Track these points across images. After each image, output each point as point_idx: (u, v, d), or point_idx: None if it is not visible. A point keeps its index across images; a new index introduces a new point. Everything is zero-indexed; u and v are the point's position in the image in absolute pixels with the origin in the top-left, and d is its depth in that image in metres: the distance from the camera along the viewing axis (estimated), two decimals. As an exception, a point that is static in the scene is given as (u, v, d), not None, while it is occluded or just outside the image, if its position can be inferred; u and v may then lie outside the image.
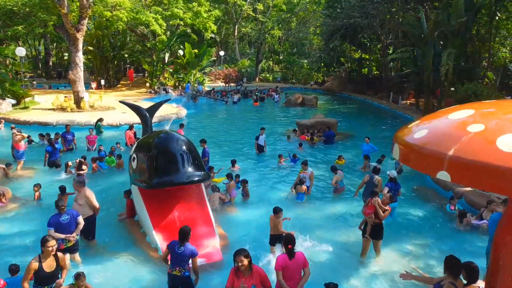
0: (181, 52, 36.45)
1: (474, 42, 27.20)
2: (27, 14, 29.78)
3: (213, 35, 45.37)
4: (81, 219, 6.80)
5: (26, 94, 23.89)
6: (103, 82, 34.36)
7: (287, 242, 5.37)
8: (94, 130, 16.03)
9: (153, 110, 11.48)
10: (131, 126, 15.65)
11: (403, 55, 28.06)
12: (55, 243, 5.47)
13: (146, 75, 39.37)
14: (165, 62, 37.23)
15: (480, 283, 4.88)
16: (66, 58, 44.70)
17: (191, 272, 6.04)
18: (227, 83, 41.01)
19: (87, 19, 22.40)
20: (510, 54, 29.84)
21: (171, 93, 33.77)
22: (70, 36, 21.72)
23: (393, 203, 9.01)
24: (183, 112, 23.77)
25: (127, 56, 39.32)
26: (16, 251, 7.42)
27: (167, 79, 37.25)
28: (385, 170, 11.22)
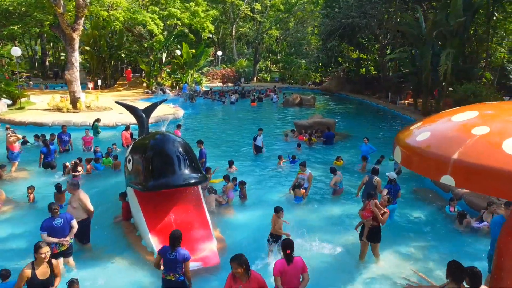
0: (178, 52, 36.29)
1: (472, 42, 27.19)
2: (23, 13, 29.59)
3: (210, 35, 45.18)
4: (74, 223, 6.66)
5: (21, 94, 23.70)
6: (99, 82, 34.16)
7: (286, 247, 5.24)
8: (90, 130, 15.87)
9: (149, 110, 11.31)
10: (128, 127, 15.51)
11: (401, 55, 27.99)
12: (48, 249, 5.31)
13: (143, 75, 39.17)
14: (163, 62, 37.06)
15: (483, 288, 4.78)
16: (62, 58, 44.42)
17: (185, 276, 5.90)
18: (225, 83, 40.87)
19: (83, 19, 22.21)
20: (507, 54, 29.84)
21: (168, 93, 33.58)
22: (66, 36, 21.53)
23: (393, 205, 8.92)
24: (180, 112, 23.63)
25: (124, 56, 39.14)
26: (7, 255, 7.27)
27: (164, 79, 37.06)
28: (384, 171, 11.11)
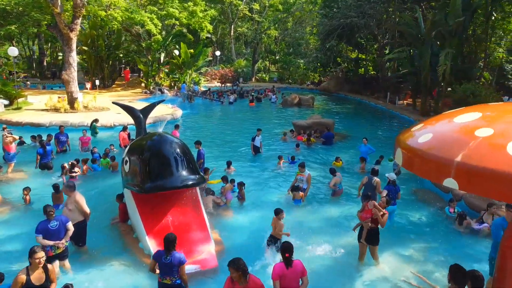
0: (176, 52, 36.18)
1: (470, 42, 27.16)
2: (20, 13, 29.40)
3: (209, 35, 45.13)
4: (70, 225, 6.56)
5: (19, 94, 23.56)
6: (97, 82, 34.04)
7: (285, 250, 5.15)
8: (87, 131, 15.76)
9: (147, 111, 11.24)
10: (125, 127, 15.40)
11: (400, 55, 27.94)
12: (43, 255, 5.19)
13: (141, 75, 39.04)
14: (161, 62, 36.94)
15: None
16: (60, 58, 44.26)
17: (181, 280, 5.81)
18: (223, 83, 40.77)
19: (80, 19, 22.09)
20: (506, 54, 29.81)
21: (167, 93, 33.46)
22: (63, 35, 21.41)
23: (392, 206, 8.85)
24: (179, 112, 23.52)
25: (122, 56, 38.98)
26: (2, 258, 7.16)
27: (162, 79, 36.96)
28: (383, 171, 11.04)
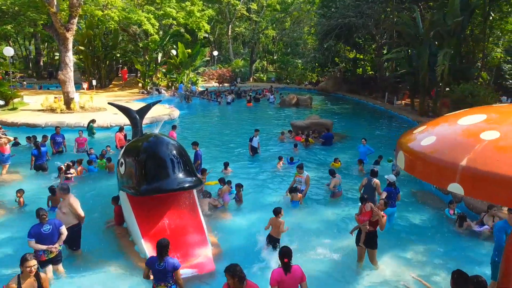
0: (174, 52, 36.01)
1: (468, 42, 27.11)
2: (16, 13, 29.19)
3: (206, 35, 44.91)
4: (64, 229, 6.41)
5: (14, 95, 23.35)
6: (94, 82, 33.83)
7: (284, 255, 5.02)
8: (83, 132, 15.59)
9: (143, 112, 11.08)
10: (121, 128, 15.24)
11: (398, 55, 27.87)
12: (35, 263, 5.02)
13: (138, 75, 38.85)
14: (158, 62, 36.76)
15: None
16: (57, 58, 43.97)
17: (177, 285, 5.68)
18: (221, 83, 40.63)
19: (77, 18, 21.89)
20: (504, 54, 29.78)
21: (164, 93, 33.32)
22: (59, 35, 21.20)
23: (392, 208, 8.74)
24: (176, 113, 23.36)
25: (119, 56, 38.79)
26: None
27: (160, 79, 36.79)
28: (382, 172, 10.92)
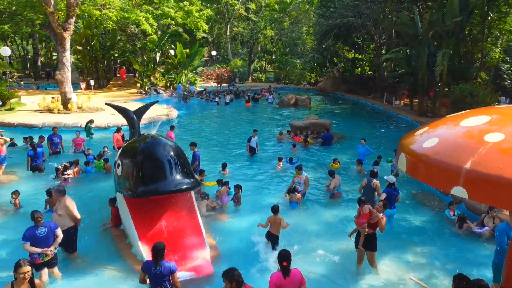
0: (172, 52, 35.87)
1: (466, 42, 27.06)
2: (13, 12, 29.02)
3: (205, 35, 44.78)
4: (59, 232, 6.31)
5: (11, 95, 23.18)
6: (92, 82, 33.68)
7: (283, 259, 4.92)
8: (81, 132, 15.49)
9: (141, 112, 10.97)
10: (119, 128, 15.14)
11: (397, 55, 27.81)
12: (29, 269, 4.90)
13: (136, 75, 38.70)
14: (156, 62, 36.61)
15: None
16: (55, 58, 43.77)
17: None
18: (219, 84, 40.51)
19: (74, 18, 21.75)
20: (502, 54, 29.75)
21: (162, 93, 33.19)
22: (57, 35, 21.07)
23: (392, 210, 8.67)
24: (174, 113, 23.23)
25: (117, 56, 38.64)
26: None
27: (158, 79, 36.64)
28: (381, 173, 10.82)
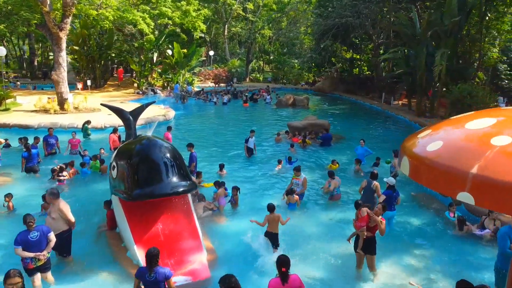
0: (169, 51, 35.70)
1: (464, 42, 27.00)
2: (9, 12, 28.81)
3: (202, 35, 44.67)
4: (52, 236, 6.15)
5: (7, 95, 22.98)
6: (89, 82, 33.47)
7: (281, 264, 4.80)
8: (76, 133, 15.29)
9: (137, 113, 10.83)
10: (115, 129, 14.96)
11: (395, 55, 27.72)
12: (19, 280, 4.75)
13: (134, 75, 38.51)
14: (154, 62, 36.44)
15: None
16: (51, 58, 43.51)
17: None
18: (217, 84, 40.37)
19: (70, 18, 21.57)
20: (500, 54, 29.72)
21: (160, 93, 33.02)
22: (53, 35, 20.89)
23: (392, 212, 8.56)
24: (171, 113, 23.08)
25: (114, 55, 38.45)
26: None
27: (155, 79, 36.47)
28: (380, 174, 10.70)
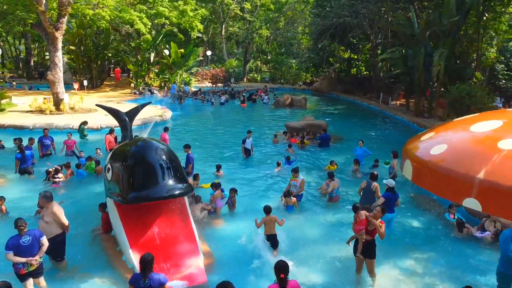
0: (166, 51, 35.52)
1: (462, 42, 26.97)
2: (4, 11, 28.57)
3: (199, 35, 44.47)
4: (44, 240, 6.00)
5: (2, 95, 22.73)
6: (86, 82, 33.25)
7: (280, 270, 4.67)
8: (73, 134, 15.14)
9: (133, 114, 10.67)
10: (112, 130, 14.79)
11: (393, 55, 27.67)
12: None
13: (130, 75, 38.30)
14: (151, 62, 36.24)
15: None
16: (48, 57, 43.27)
17: None
18: (215, 84, 40.21)
19: (66, 17, 21.36)
20: (497, 54, 29.70)
21: (156, 94, 32.82)
22: (48, 35, 20.68)
23: (391, 214, 8.45)
24: (168, 114, 22.91)
25: (111, 55, 38.22)
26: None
27: (152, 79, 36.27)
28: (379, 175, 10.61)
